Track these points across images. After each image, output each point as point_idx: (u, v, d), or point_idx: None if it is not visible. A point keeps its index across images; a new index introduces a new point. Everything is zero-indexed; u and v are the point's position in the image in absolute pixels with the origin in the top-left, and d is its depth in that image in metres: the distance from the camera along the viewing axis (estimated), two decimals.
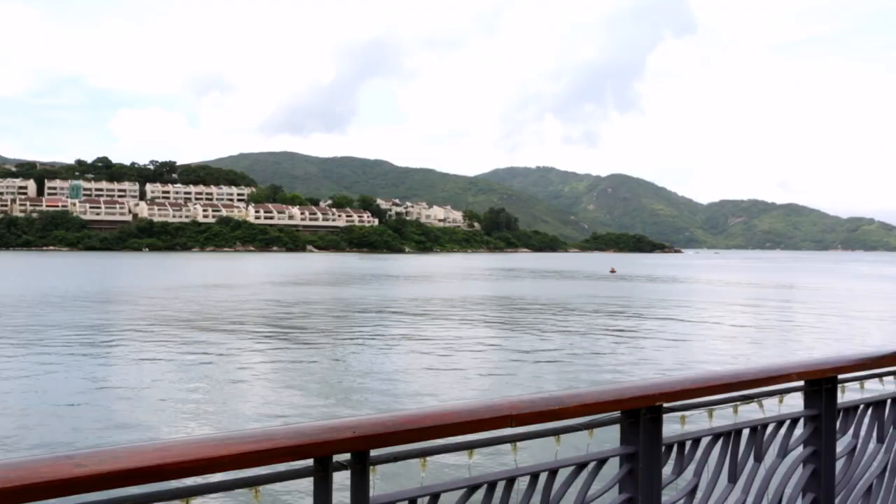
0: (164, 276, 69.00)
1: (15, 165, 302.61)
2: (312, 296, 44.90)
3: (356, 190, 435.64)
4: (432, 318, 31.10)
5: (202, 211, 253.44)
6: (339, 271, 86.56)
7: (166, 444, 1.73)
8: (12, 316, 30.47)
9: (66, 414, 13.09)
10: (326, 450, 1.90)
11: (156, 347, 21.52)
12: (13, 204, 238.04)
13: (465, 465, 2.15)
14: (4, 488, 1.46)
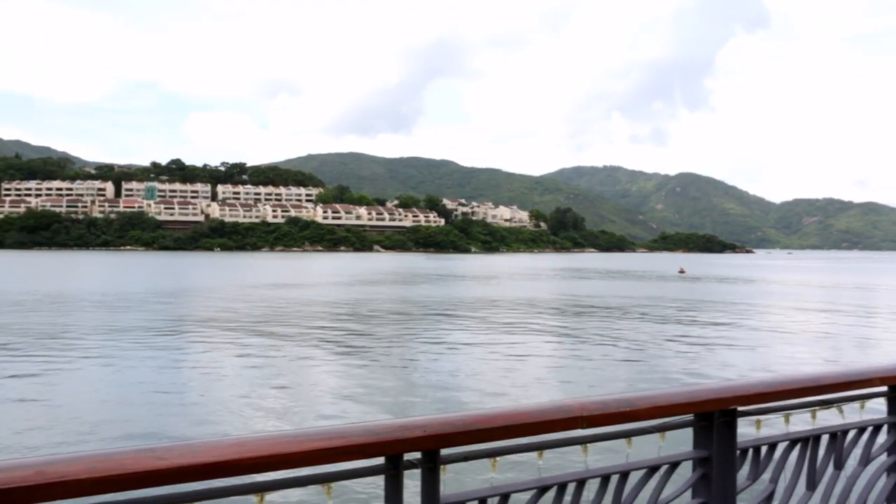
0: (235, 276, 70.39)
1: (94, 168, 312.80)
2: (380, 295, 45.26)
3: (422, 190, 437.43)
4: (499, 319, 31.03)
5: (271, 211, 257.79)
6: (406, 271, 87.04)
7: (242, 440, 1.77)
8: (94, 313, 31.48)
9: (143, 408, 13.45)
10: (397, 448, 1.91)
11: (226, 345, 21.97)
12: (93, 205, 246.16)
13: (535, 466, 2.11)
14: (93, 478, 1.54)
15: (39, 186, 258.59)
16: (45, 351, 20.19)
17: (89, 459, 1.59)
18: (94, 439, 11.21)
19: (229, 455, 1.70)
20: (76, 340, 22.43)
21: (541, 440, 2.18)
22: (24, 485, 1.49)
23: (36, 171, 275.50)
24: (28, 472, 1.52)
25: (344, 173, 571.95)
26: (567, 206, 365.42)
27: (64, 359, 18.87)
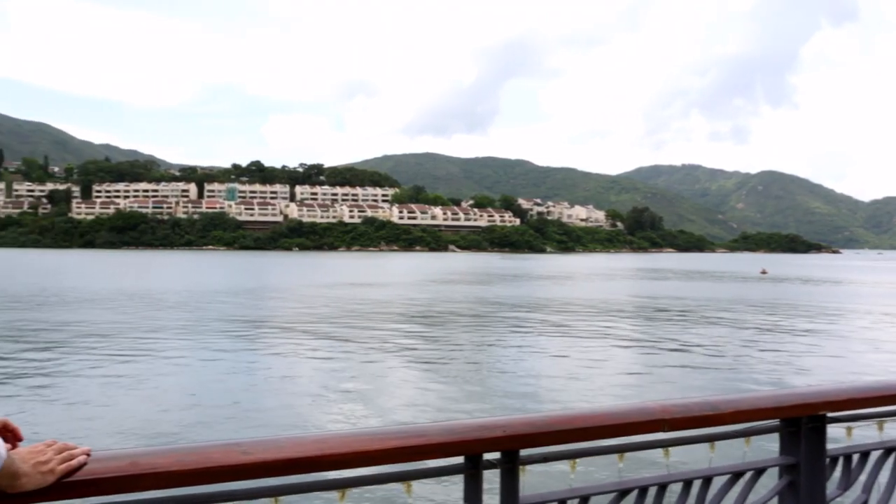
0: (312, 275, 71.53)
1: (178, 170, 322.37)
2: (455, 295, 45.38)
3: (497, 190, 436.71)
4: (575, 319, 30.76)
5: (348, 211, 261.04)
6: (481, 271, 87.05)
7: (324, 437, 1.80)
8: (177, 311, 32.44)
9: (222, 404, 13.79)
10: (477, 448, 1.91)
11: (303, 344, 22.34)
12: (177, 206, 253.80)
13: (616, 469, 2.10)
14: (182, 471, 1.59)
15: (127, 188, 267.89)
16: (132, 347, 20.90)
17: (179, 452, 1.64)
18: (174, 432, 11.54)
19: (312, 451, 1.73)
20: (160, 337, 23.15)
21: (621, 442, 2.15)
22: (119, 475, 1.55)
23: (124, 173, 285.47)
24: (122, 462, 1.58)
25: (419, 173, 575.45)
26: (644, 206, 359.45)
27: (149, 355, 19.51)
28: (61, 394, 14.45)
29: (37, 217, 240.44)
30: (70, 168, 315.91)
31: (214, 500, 1.70)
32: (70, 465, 1.50)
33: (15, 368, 17.23)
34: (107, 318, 28.47)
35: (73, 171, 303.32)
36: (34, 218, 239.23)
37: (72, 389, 14.87)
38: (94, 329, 24.95)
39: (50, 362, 18.17)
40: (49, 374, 16.60)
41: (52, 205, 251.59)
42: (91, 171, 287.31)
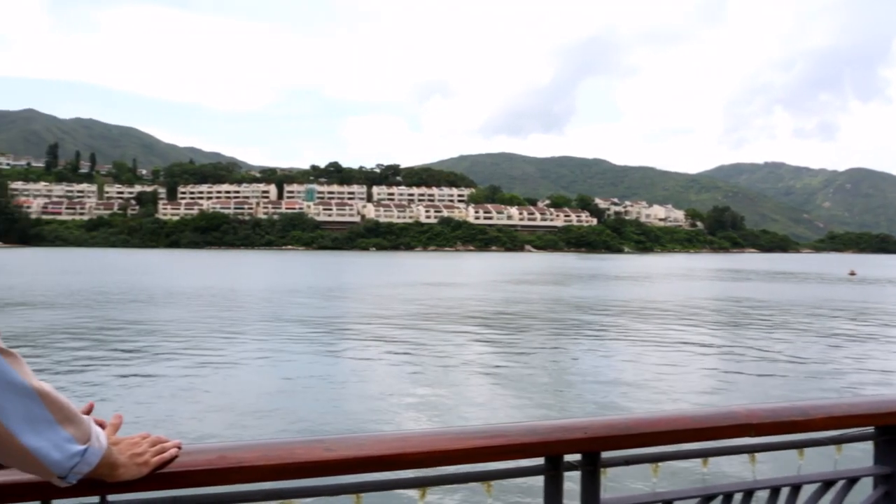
0: (389, 275, 72.15)
1: (259, 171, 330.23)
2: (531, 295, 45.14)
3: (574, 189, 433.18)
4: (654, 320, 30.22)
5: (424, 211, 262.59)
6: (558, 271, 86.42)
7: (405, 435, 1.80)
8: (259, 309, 33.13)
9: (300, 401, 13.99)
10: (558, 449, 1.90)
11: (380, 342, 22.52)
12: (257, 207, 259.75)
13: (699, 474, 2.08)
14: (267, 465, 1.64)
15: (210, 189, 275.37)
16: (216, 344, 21.41)
17: (265, 447, 1.68)
18: (254, 428, 11.76)
19: (393, 449, 1.74)
20: (242, 335, 23.67)
21: (705, 447, 2.12)
22: (208, 468, 1.61)
23: (207, 175, 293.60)
24: (211, 456, 1.64)
25: (495, 173, 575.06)
26: (725, 205, 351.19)
27: (231, 352, 19.95)
28: (149, 389, 14.90)
29: (126, 218, 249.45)
30: (157, 170, 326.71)
31: (298, 495, 1.73)
32: (163, 457, 1.57)
33: (106, 364, 17.85)
34: (192, 316, 29.27)
35: (160, 173, 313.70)
36: (123, 219, 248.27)
37: (159, 384, 15.32)
38: (179, 326, 25.68)
39: (138, 358, 18.77)
40: (137, 369, 17.15)
41: (140, 206, 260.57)
42: (176, 173, 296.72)
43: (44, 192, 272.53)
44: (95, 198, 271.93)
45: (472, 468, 1.86)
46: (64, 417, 1.35)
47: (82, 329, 24.53)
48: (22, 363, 1.29)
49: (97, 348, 20.39)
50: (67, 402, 1.37)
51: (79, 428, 1.38)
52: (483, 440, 1.81)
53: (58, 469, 1.36)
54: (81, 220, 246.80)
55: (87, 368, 17.11)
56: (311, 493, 1.75)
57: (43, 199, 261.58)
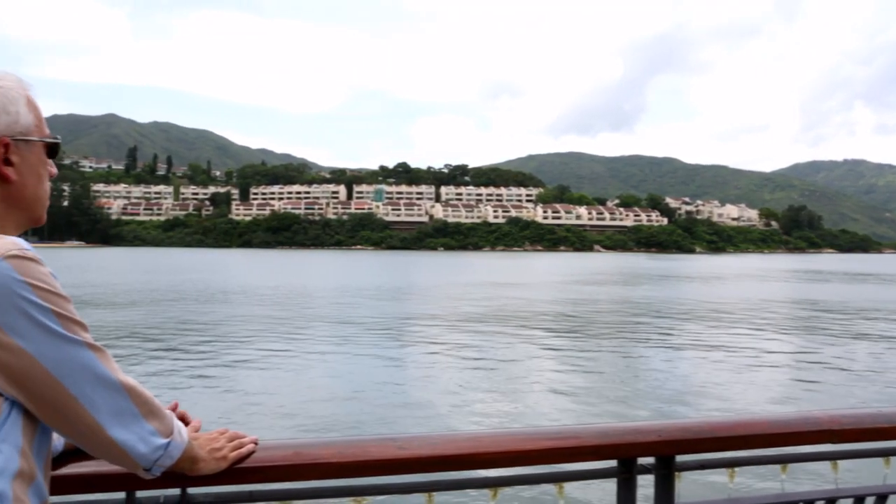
0: (457, 274, 72.28)
1: (329, 172, 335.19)
2: (601, 295, 44.69)
3: (644, 189, 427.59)
4: (726, 321, 29.59)
5: (493, 211, 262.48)
6: (628, 271, 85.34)
7: (478, 435, 1.80)
8: (328, 308, 33.57)
9: (369, 399, 14.13)
10: (631, 452, 1.88)
11: (449, 341, 22.57)
12: (327, 207, 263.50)
13: (778, 480, 2.03)
14: (341, 463, 1.67)
15: (282, 190, 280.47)
16: (288, 342, 21.77)
17: (339, 445, 1.71)
18: (326, 425, 11.92)
19: (465, 449, 1.75)
20: (314, 333, 24.00)
21: (784, 453, 2.07)
22: (284, 464, 1.65)
23: (278, 176, 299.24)
24: (287, 452, 1.67)
25: (564, 173, 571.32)
26: (801, 204, 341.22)
27: (303, 350, 20.26)
28: (223, 385, 15.25)
29: (200, 218, 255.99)
30: (230, 172, 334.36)
31: (371, 493, 1.75)
32: (240, 452, 1.62)
33: (180, 361, 18.33)
34: (265, 315, 29.84)
35: (233, 174, 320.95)
36: (198, 219, 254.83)
37: (232, 382, 15.66)
38: (252, 324, 26.20)
39: (213, 356, 19.22)
40: (212, 366, 17.57)
41: (214, 207, 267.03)
42: (249, 174, 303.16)
43: (123, 193, 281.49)
44: (172, 199, 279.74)
45: (544, 469, 1.86)
46: (149, 411, 1.39)
47: (159, 327, 25.25)
48: (110, 359, 1.34)
49: (173, 346, 20.97)
50: (152, 397, 1.42)
51: (162, 422, 1.42)
52: (555, 441, 1.81)
53: (143, 461, 1.40)
54: (158, 220, 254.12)
55: (162, 365, 17.61)
56: (384, 491, 1.76)
57: (122, 201, 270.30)
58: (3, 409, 1.25)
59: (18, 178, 1.39)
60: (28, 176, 1.42)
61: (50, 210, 1.47)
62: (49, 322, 1.24)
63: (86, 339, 1.30)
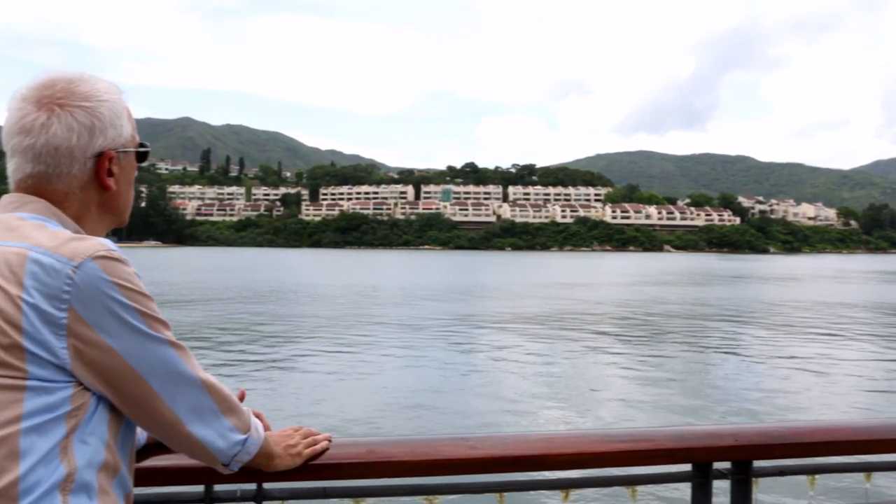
0: (525, 275, 72.03)
1: (397, 173, 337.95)
2: (671, 296, 44.00)
3: (716, 188, 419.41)
4: (802, 324, 28.80)
5: (560, 211, 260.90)
6: (699, 272, 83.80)
7: (550, 436, 1.80)
8: (396, 307, 33.84)
9: (440, 397, 14.20)
10: (706, 456, 1.85)
11: (517, 341, 22.51)
12: (395, 207, 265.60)
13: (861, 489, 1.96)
14: (413, 461, 1.67)
15: (350, 191, 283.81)
16: (357, 340, 22.02)
17: (411, 443, 1.72)
18: (394, 425, 12.03)
19: (537, 450, 1.74)
20: (382, 332, 24.22)
21: (868, 461, 2.01)
22: (357, 461, 1.67)
23: (347, 177, 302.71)
24: (360, 449, 1.70)
25: (633, 172, 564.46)
26: (883, 202, 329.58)
27: (371, 348, 20.46)
28: (295, 383, 15.51)
29: (271, 219, 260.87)
30: (300, 173, 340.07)
31: (442, 492, 1.75)
32: (315, 449, 1.66)
33: (253, 358, 18.72)
34: (334, 313, 30.25)
35: (303, 175, 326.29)
36: (269, 219, 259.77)
37: (304, 379, 15.93)
38: (323, 323, 26.59)
39: (285, 354, 19.58)
40: (284, 364, 17.90)
41: (285, 207, 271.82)
42: (318, 175, 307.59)
43: (198, 194, 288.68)
44: (244, 200, 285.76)
45: (617, 472, 1.83)
46: (227, 408, 1.44)
47: (232, 324, 25.83)
48: (190, 356, 1.39)
49: (245, 343, 21.43)
50: (230, 394, 1.47)
51: (240, 418, 1.48)
52: (628, 444, 1.79)
53: (222, 457, 1.46)
54: (231, 220, 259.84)
55: (234, 362, 18.02)
56: (456, 491, 1.76)
57: (197, 202, 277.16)
58: (90, 405, 1.30)
59: (116, 187, 1.48)
60: (123, 184, 1.51)
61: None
62: (134, 321, 1.30)
63: (168, 338, 1.35)
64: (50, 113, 1.40)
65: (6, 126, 1.43)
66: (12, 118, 1.42)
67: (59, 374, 1.26)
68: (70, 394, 1.28)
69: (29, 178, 1.41)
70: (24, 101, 1.41)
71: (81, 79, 1.45)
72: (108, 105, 1.45)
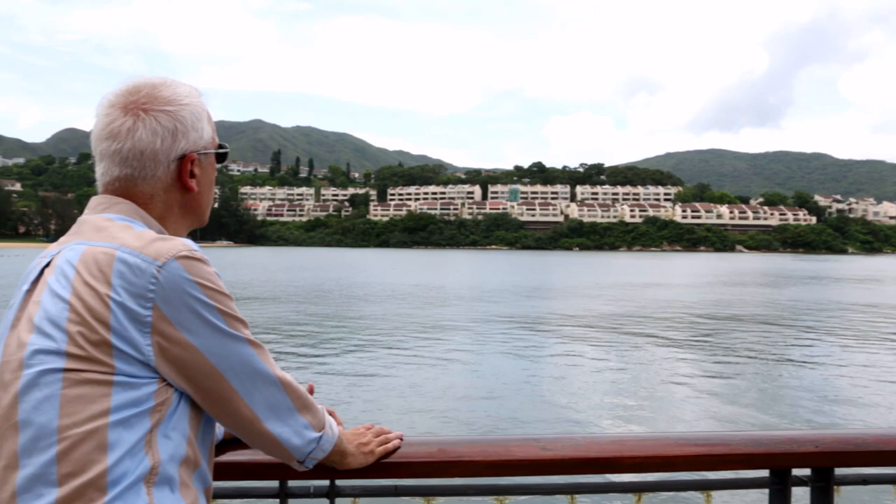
0: (594, 274, 71.40)
1: (464, 173, 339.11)
2: (744, 297, 43.04)
3: (790, 186, 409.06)
4: (884, 329, 27.86)
5: (629, 211, 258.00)
6: (773, 272, 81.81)
7: (623, 438, 1.78)
8: (464, 306, 33.90)
9: (507, 397, 14.17)
10: (785, 462, 1.81)
11: (586, 342, 22.34)
12: (462, 207, 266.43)
13: None
14: (485, 461, 1.68)
15: (418, 191, 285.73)
16: (427, 340, 22.13)
17: (482, 443, 1.72)
18: (460, 424, 12.05)
19: (610, 452, 1.72)
20: (450, 332, 24.29)
21: None
22: (428, 460, 1.68)
23: (415, 177, 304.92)
24: (432, 448, 1.70)
25: (704, 171, 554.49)
26: None
27: (440, 348, 20.54)
28: (364, 380, 15.67)
29: (340, 219, 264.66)
30: (368, 174, 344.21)
31: (514, 493, 1.74)
32: (387, 447, 1.68)
33: (324, 356, 18.98)
34: (403, 312, 30.46)
35: (371, 176, 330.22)
36: (338, 220, 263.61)
37: (373, 377, 16.08)
38: (391, 322, 26.80)
39: (354, 351, 19.80)
40: (352, 362, 18.10)
41: (353, 208, 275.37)
42: (386, 175, 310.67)
43: (268, 195, 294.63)
44: (313, 200, 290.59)
45: (691, 476, 1.80)
46: (302, 406, 1.48)
47: (303, 323, 26.24)
48: (267, 354, 1.43)
49: (315, 341, 21.74)
50: (305, 392, 1.51)
51: (315, 416, 1.51)
52: (703, 448, 1.76)
53: (298, 454, 1.49)
54: (301, 221, 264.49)
55: (304, 360, 18.29)
56: (527, 491, 1.75)
57: (267, 202, 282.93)
58: (173, 400, 1.35)
59: (198, 188, 1.56)
60: (204, 185, 1.58)
61: None
62: (215, 319, 1.35)
63: (247, 336, 1.40)
64: (135, 118, 1.45)
65: (95, 131, 1.50)
66: (100, 124, 1.48)
67: (144, 370, 1.31)
68: (154, 389, 1.32)
69: (116, 181, 1.47)
70: (112, 107, 1.47)
71: (164, 84, 1.51)
72: (190, 109, 1.51)
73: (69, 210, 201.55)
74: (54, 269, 1.35)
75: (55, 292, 1.32)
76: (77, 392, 1.27)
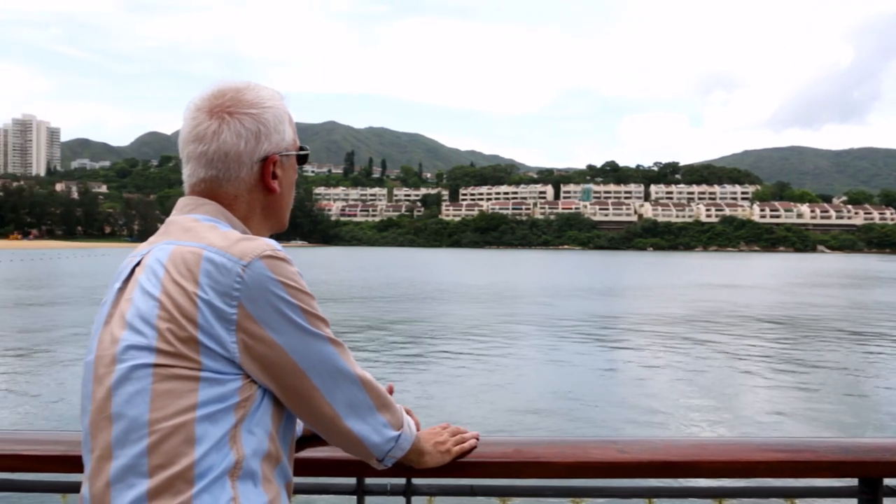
0: (668, 275, 70.35)
1: (536, 173, 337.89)
2: (827, 299, 41.83)
3: (876, 184, 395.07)
4: None
5: (705, 210, 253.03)
6: (858, 274, 79.20)
7: (702, 441, 1.76)
8: (539, 307, 33.86)
9: (582, 397, 14.14)
10: (875, 471, 1.74)
11: (661, 343, 22.06)
12: (534, 207, 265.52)
13: None
14: (562, 463, 1.67)
15: (490, 191, 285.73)
16: (498, 341, 22.21)
17: (559, 445, 1.71)
18: (535, 425, 12.09)
19: (689, 455, 1.70)
20: (524, 332, 24.31)
21: None
22: (504, 460, 1.68)
23: (487, 177, 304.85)
24: (508, 449, 1.70)
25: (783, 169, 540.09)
26: None
27: (513, 348, 20.59)
28: (438, 380, 15.83)
29: (412, 219, 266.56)
30: (440, 174, 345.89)
31: (590, 495, 1.72)
32: (463, 447, 1.69)
33: (398, 356, 19.22)
34: (476, 312, 30.60)
35: (443, 176, 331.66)
36: (410, 220, 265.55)
37: (447, 376, 16.23)
38: (464, 322, 26.95)
39: (428, 350, 20.00)
40: (427, 361, 18.29)
41: (425, 208, 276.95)
42: (458, 176, 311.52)
43: (342, 196, 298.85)
44: (385, 200, 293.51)
45: (774, 483, 1.77)
46: (381, 404, 1.50)
47: (378, 321, 26.59)
48: (348, 353, 1.46)
49: (390, 340, 22.01)
50: (384, 390, 1.53)
51: (394, 415, 1.52)
52: (788, 454, 1.72)
53: (377, 452, 1.51)
54: (373, 221, 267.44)
55: (381, 359, 18.56)
56: (604, 494, 1.73)
57: (341, 203, 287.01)
58: (256, 397, 1.38)
59: (280, 189, 1.59)
60: (286, 186, 1.62)
61: None
62: (298, 318, 1.38)
63: (328, 335, 1.42)
64: (220, 121, 1.50)
65: (182, 134, 1.55)
66: (187, 127, 1.53)
67: (230, 366, 1.35)
68: (239, 385, 1.36)
69: (202, 183, 1.52)
70: (198, 111, 1.52)
71: (248, 87, 1.55)
72: (273, 111, 1.54)
73: (151, 211, 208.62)
74: (145, 268, 1.40)
75: (146, 290, 1.37)
76: (166, 387, 1.32)
